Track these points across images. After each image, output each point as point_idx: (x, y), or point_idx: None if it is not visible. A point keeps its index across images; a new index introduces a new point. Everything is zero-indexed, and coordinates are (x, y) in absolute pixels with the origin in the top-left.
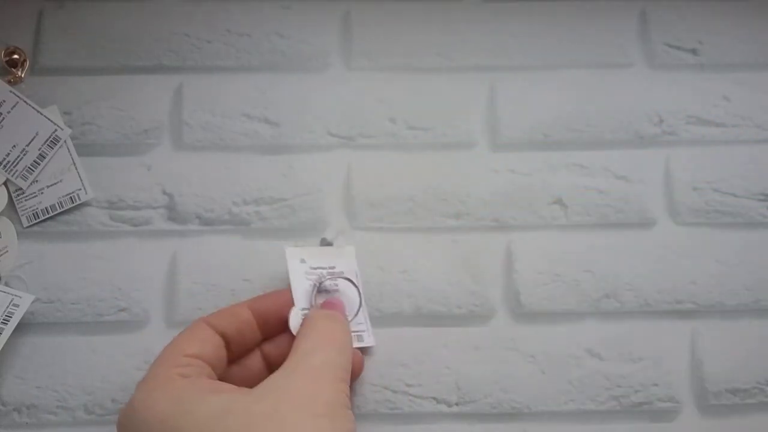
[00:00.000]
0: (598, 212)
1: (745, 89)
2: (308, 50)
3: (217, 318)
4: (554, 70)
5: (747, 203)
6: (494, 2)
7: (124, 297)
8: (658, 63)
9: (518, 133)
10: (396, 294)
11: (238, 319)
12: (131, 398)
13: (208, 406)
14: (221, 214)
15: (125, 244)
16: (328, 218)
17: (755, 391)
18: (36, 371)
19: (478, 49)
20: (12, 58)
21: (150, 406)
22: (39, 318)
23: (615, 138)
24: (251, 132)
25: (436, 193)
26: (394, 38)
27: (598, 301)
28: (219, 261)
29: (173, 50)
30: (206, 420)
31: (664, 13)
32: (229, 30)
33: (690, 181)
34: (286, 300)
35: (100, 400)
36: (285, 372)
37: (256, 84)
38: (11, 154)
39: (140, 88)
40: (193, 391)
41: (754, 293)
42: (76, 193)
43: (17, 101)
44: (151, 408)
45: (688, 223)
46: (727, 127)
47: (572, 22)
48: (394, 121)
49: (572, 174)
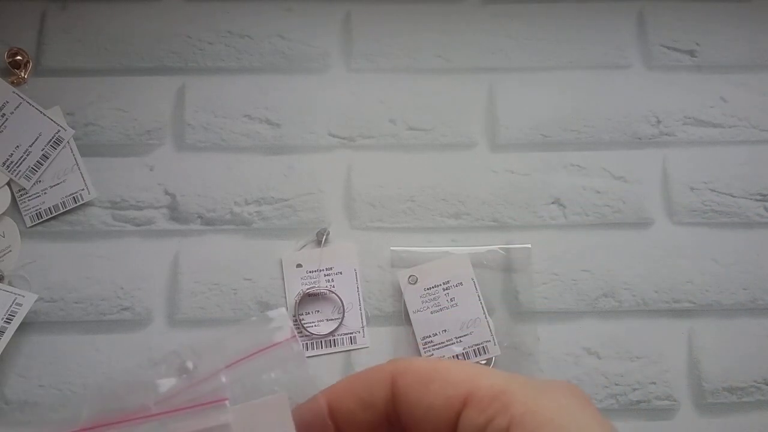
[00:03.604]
0: (596, 212)
1: (741, 90)
2: (309, 52)
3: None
4: (552, 71)
5: (744, 203)
6: (493, 4)
7: (127, 296)
8: (656, 64)
9: (517, 133)
10: (396, 293)
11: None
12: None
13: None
14: (223, 214)
15: (128, 243)
16: (328, 218)
17: (752, 390)
18: (39, 370)
19: (477, 51)
20: (15, 60)
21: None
22: (42, 317)
23: (613, 138)
24: (252, 133)
25: (436, 193)
26: (395, 40)
27: (596, 300)
28: (220, 260)
29: (175, 52)
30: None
31: (662, 15)
32: (231, 32)
33: (687, 181)
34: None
35: None
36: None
37: (258, 85)
38: (14, 154)
39: (143, 89)
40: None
41: (750, 292)
42: (78, 193)
43: (20, 102)
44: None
45: (686, 223)
46: (724, 127)
47: (570, 24)
48: (395, 122)
49: (570, 174)
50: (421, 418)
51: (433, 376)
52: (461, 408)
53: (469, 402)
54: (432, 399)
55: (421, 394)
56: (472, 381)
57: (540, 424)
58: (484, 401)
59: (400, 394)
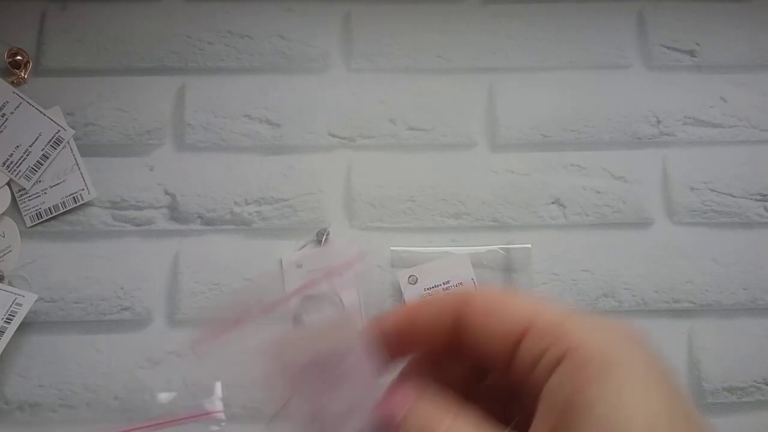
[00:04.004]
0: (596, 212)
1: (741, 90)
2: (309, 52)
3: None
4: (552, 71)
5: (744, 203)
6: (493, 4)
7: (127, 296)
8: (656, 64)
9: (517, 133)
10: (396, 293)
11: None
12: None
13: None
14: (223, 214)
15: (128, 243)
16: (328, 218)
17: (752, 390)
18: (39, 370)
19: (477, 51)
20: (15, 60)
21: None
22: (42, 317)
23: (613, 138)
24: (252, 133)
25: (436, 193)
26: (394, 40)
27: (596, 300)
28: (220, 260)
29: (175, 52)
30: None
31: (662, 15)
32: (231, 32)
33: (687, 181)
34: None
35: (102, 398)
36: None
37: (258, 85)
38: (14, 154)
39: (143, 89)
40: None
41: (750, 292)
42: (79, 193)
43: (20, 102)
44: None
45: (686, 223)
46: (723, 127)
47: (570, 24)
48: (394, 122)
49: (570, 174)
50: (483, 343)
51: (497, 306)
52: (521, 337)
53: (529, 332)
54: (494, 327)
55: (484, 321)
56: (534, 313)
57: (591, 355)
58: (542, 332)
59: (465, 320)
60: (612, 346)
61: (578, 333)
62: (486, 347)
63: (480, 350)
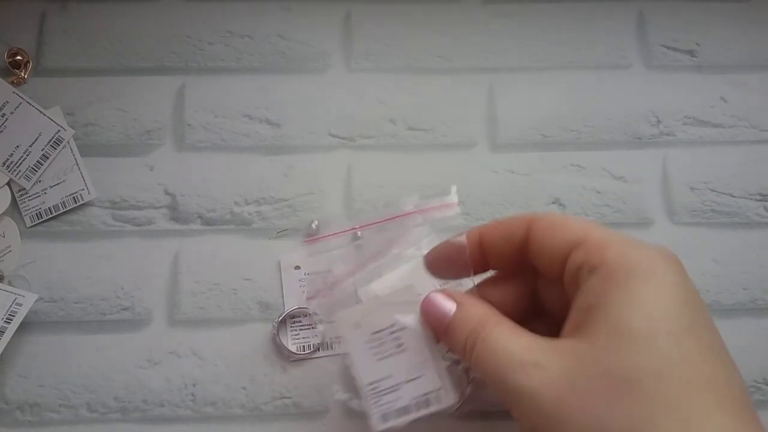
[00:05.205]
0: (596, 212)
1: (741, 90)
2: (309, 51)
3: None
4: (553, 71)
5: (744, 203)
6: (493, 4)
7: (127, 296)
8: (656, 64)
9: (517, 133)
10: None
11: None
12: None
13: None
14: (223, 214)
15: (128, 243)
16: (328, 218)
17: (752, 390)
18: (39, 370)
19: (477, 51)
20: (15, 60)
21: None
22: (42, 317)
23: (613, 138)
24: (252, 132)
25: (436, 193)
26: (395, 40)
27: None
28: (221, 260)
29: (175, 51)
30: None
31: (662, 14)
32: (231, 31)
33: (687, 181)
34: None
35: (102, 398)
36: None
37: (258, 85)
38: (14, 154)
39: (142, 89)
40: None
41: (751, 292)
42: (79, 193)
43: (20, 102)
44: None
45: (686, 223)
46: (724, 127)
47: (570, 24)
48: (394, 122)
49: (570, 174)
50: (543, 254)
51: (559, 224)
52: (572, 250)
53: (578, 246)
54: (553, 241)
55: (546, 236)
56: (586, 231)
57: (619, 266)
58: (588, 247)
59: (533, 235)
60: (640, 261)
61: (616, 248)
62: (545, 258)
63: (541, 260)
